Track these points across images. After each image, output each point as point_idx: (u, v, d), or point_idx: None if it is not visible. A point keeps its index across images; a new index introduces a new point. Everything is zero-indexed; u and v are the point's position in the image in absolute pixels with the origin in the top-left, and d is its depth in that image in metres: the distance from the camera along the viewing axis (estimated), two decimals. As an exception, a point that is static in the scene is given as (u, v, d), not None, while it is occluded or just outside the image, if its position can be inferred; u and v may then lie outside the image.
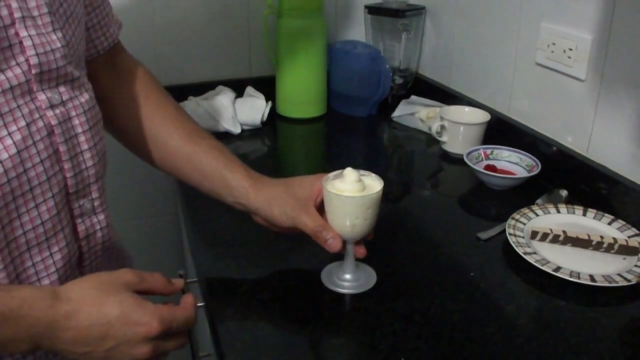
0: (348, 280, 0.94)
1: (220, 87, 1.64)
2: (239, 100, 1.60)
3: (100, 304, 0.67)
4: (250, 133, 1.57)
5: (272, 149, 1.58)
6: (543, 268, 0.96)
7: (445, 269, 1.00)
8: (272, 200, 0.90)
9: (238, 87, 1.65)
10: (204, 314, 0.93)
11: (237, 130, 1.53)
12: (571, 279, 0.94)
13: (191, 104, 1.53)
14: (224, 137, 1.52)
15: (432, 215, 1.20)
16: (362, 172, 0.89)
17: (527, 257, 0.98)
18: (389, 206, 0.90)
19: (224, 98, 1.54)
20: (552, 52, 1.26)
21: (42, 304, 0.64)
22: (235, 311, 0.88)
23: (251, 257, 1.02)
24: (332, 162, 1.50)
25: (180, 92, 1.60)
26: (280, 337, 0.84)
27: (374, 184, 0.89)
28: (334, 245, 0.86)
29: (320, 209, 0.89)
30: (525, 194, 1.23)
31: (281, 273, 0.98)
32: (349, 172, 0.87)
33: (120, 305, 0.68)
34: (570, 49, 1.21)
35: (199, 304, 0.97)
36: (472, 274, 0.98)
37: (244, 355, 0.81)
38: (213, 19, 1.66)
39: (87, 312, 0.66)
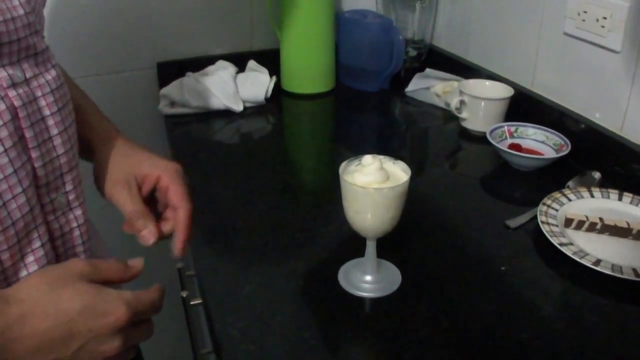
0: (369, 282, 0.84)
1: (220, 62, 1.56)
2: (241, 75, 1.52)
3: (57, 301, 0.56)
4: (253, 110, 1.48)
5: (277, 127, 1.47)
6: (581, 261, 0.87)
7: (473, 264, 0.90)
8: (104, 166, 0.79)
9: (239, 62, 1.57)
10: (202, 314, 0.84)
11: (239, 107, 1.44)
12: (613, 274, 0.84)
13: (190, 81, 1.44)
14: (226, 115, 1.43)
15: (454, 199, 1.10)
16: (381, 157, 0.79)
17: (563, 249, 0.89)
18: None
19: (224, 74, 1.46)
20: (583, 21, 1.15)
21: None
22: (238, 317, 0.79)
23: (256, 251, 0.92)
24: (342, 140, 1.39)
25: (178, 68, 1.53)
26: (290, 347, 0.75)
27: (397, 170, 0.79)
28: (146, 239, 0.74)
29: (149, 201, 0.78)
30: (553, 175, 1.14)
31: (291, 271, 0.88)
32: (370, 160, 0.76)
33: (81, 297, 0.57)
34: (604, 18, 1.10)
35: (196, 302, 0.88)
36: (502, 268, 0.89)
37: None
38: (212, -12, 1.58)
39: (44, 312, 0.55)
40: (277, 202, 1.07)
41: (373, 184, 0.75)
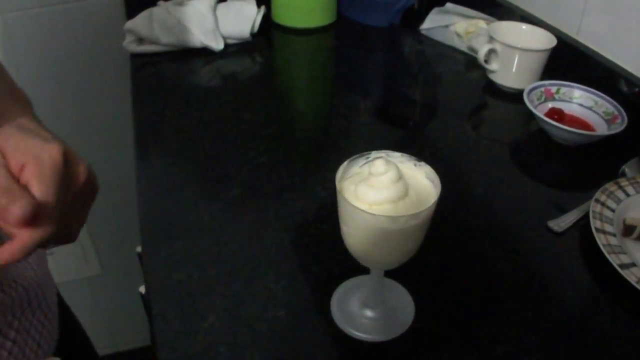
0: (370, 318, 0.63)
1: (197, -13, 1.36)
2: (222, 5, 1.27)
3: None
4: (236, 49, 1.24)
5: (265, 69, 1.23)
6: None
7: (509, 289, 0.69)
8: None
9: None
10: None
11: (219, 45, 1.21)
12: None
13: (160, 12, 1.18)
14: (203, 54, 1.20)
15: (479, 179, 0.88)
16: (397, 156, 0.57)
17: (625, 274, 0.68)
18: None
19: (201, 4, 1.21)
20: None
21: None
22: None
23: (225, 262, 0.71)
24: (342, 85, 1.15)
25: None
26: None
27: (420, 178, 0.56)
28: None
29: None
30: (603, 153, 0.93)
31: (268, 293, 0.66)
32: (382, 167, 0.52)
33: None
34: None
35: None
36: (549, 294, 0.67)
37: None
38: None
39: None
40: (255, 180, 0.85)
41: (386, 204, 0.52)
